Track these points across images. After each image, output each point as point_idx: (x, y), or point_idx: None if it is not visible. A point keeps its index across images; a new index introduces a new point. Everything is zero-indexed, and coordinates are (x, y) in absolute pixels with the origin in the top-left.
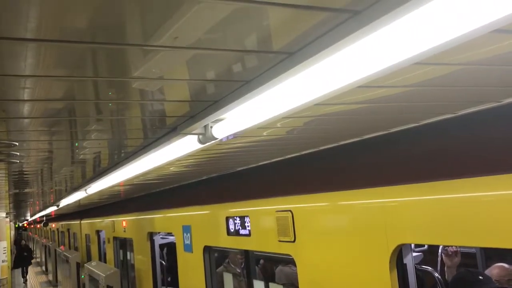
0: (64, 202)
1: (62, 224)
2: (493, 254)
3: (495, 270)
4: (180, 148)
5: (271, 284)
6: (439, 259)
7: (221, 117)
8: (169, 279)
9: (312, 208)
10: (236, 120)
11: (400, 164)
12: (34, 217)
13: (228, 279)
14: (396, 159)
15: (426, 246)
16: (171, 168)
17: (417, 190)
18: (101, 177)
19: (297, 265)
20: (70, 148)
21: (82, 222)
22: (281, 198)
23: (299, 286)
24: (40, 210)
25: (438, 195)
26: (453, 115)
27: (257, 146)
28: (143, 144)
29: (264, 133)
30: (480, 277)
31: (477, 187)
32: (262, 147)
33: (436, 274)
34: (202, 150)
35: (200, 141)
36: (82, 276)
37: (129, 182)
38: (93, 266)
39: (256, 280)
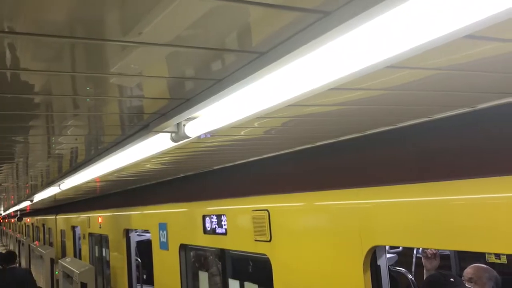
0: (38, 197)
1: (37, 219)
2: (466, 256)
3: (468, 269)
4: (153, 146)
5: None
6: (413, 260)
7: (194, 115)
8: (144, 276)
9: (288, 208)
10: (208, 119)
11: (376, 166)
12: (8, 211)
13: (203, 277)
14: (372, 161)
15: (400, 248)
16: (147, 165)
17: (392, 192)
18: (75, 172)
19: (272, 265)
20: (47, 143)
21: (57, 217)
22: (257, 197)
23: (274, 286)
24: (15, 205)
25: (412, 198)
26: (427, 119)
27: (234, 145)
28: (117, 140)
29: (242, 133)
30: (451, 279)
31: (450, 191)
32: (239, 147)
33: (410, 276)
34: (178, 148)
35: (173, 139)
36: (56, 272)
37: (104, 178)
38: (67, 263)
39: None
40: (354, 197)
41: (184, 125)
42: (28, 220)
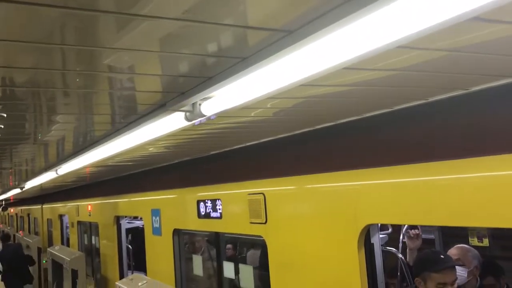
0: (30, 184)
1: (21, 209)
2: (450, 240)
3: (453, 250)
4: (167, 125)
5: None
6: (400, 244)
7: (211, 94)
8: (133, 263)
9: (284, 191)
10: (224, 98)
11: (372, 148)
12: None
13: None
14: (368, 144)
15: (390, 230)
16: (150, 149)
17: (385, 174)
18: (75, 156)
19: (267, 246)
20: (43, 125)
21: (43, 206)
22: (253, 181)
23: (269, 266)
24: (2, 193)
25: (404, 178)
26: (424, 101)
27: (239, 127)
28: (129, 120)
29: (252, 114)
30: (442, 256)
31: (442, 171)
32: (243, 129)
33: (400, 255)
34: (184, 130)
35: (187, 118)
36: (44, 261)
37: (103, 163)
38: (57, 250)
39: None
40: (348, 178)
41: (200, 104)
42: (12, 210)
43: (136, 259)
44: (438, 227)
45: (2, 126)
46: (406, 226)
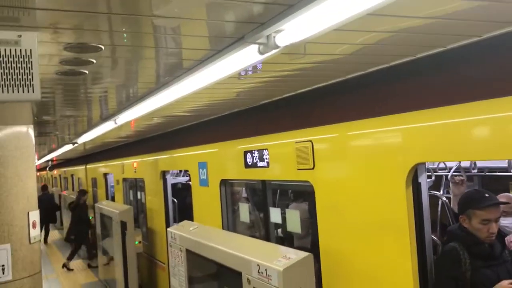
0: (84, 138)
1: (64, 171)
2: (491, 190)
3: (502, 199)
4: (240, 61)
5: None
6: (441, 190)
7: (287, 25)
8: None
9: (332, 138)
10: (302, 28)
11: (418, 90)
12: (40, 161)
13: (243, 208)
14: (416, 87)
15: (433, 178)
16: (216, 94)
17: (430, 115)
18: (143, 100)
19: (315, 190)
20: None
21: (87, 167)
22: (300, 130)
23: (317, 209)
24: (48, 153)
25: (448, 120)
26: (478, 38)
27: (311, 68)
28: (205, 56)
29: (337, 51)
30: (486, 195)
31: (487, 109)
32: (305, 72)
33: (444, 198)
34: (244, 77)
35: (260, 52)
36: (90, 218)
37: (168, 112)
38: (105, 205)
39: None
40: (398, 122)
41: (274, 36)
42: (55, 172)
43: (178, 214)
44: (479, 180)
45: (94, 62)
46: (450, 173)
